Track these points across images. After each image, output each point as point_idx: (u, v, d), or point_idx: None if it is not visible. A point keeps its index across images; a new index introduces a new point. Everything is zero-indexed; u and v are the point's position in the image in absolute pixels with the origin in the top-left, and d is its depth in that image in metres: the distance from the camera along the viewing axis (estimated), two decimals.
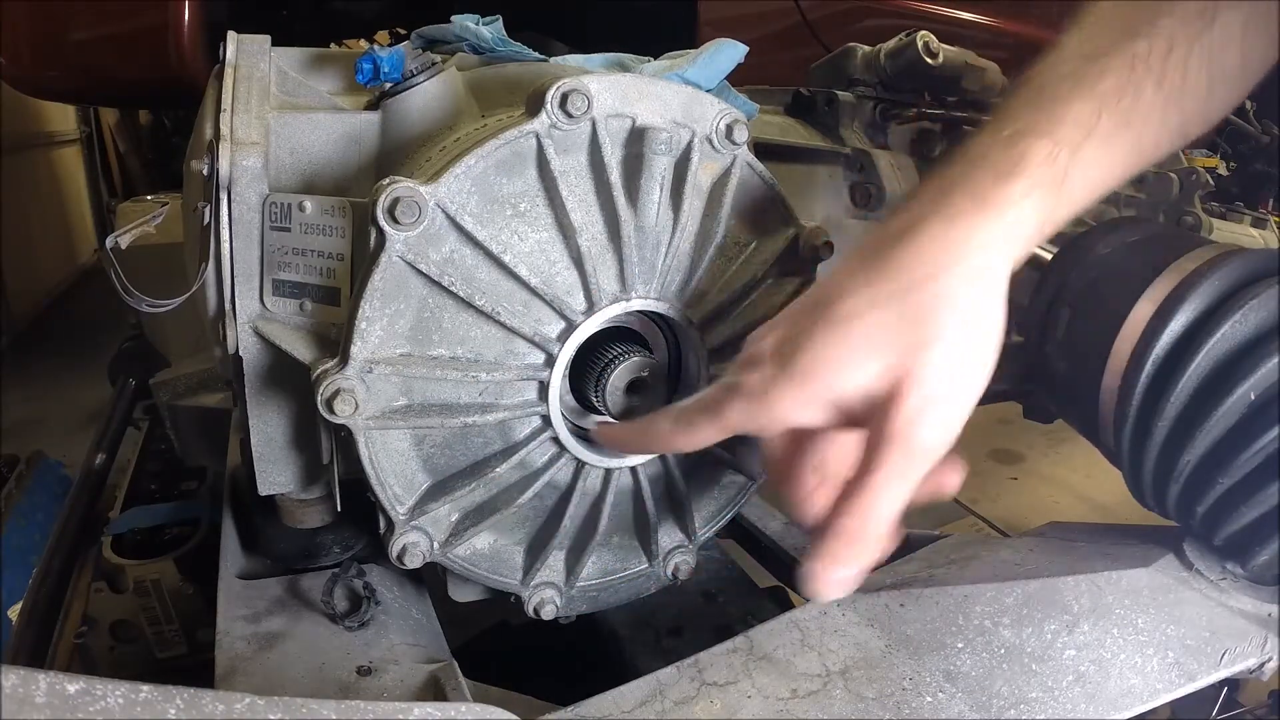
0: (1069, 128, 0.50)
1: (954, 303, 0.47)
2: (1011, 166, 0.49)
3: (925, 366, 0.46)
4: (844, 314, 0.48)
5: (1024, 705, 0.59)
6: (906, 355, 0.46)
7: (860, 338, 0.47)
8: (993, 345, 0.48)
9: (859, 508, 0.47)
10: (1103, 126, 0.51)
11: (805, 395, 0.48)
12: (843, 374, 0.47)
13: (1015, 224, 0.49)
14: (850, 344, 0.47)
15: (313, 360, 0.62)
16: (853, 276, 0.50)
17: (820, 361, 0.48)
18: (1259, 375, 0.65)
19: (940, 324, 0.46)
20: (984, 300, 0.48)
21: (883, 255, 0.49)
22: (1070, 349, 0.81)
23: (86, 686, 0.34)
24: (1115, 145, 0.52)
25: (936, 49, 0.97)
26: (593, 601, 0.76)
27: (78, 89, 1.56)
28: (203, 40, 1.25)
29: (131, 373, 1.58)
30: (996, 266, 0.48)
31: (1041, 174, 0.49)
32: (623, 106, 0.62)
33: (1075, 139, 0.50)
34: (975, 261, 0.48)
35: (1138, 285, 0.74)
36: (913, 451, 0.46)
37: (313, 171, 0.67)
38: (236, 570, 0.78)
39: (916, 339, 0.46)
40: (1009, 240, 0.49)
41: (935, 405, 0.46)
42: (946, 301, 0.47)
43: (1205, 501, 0.69)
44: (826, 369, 0.48)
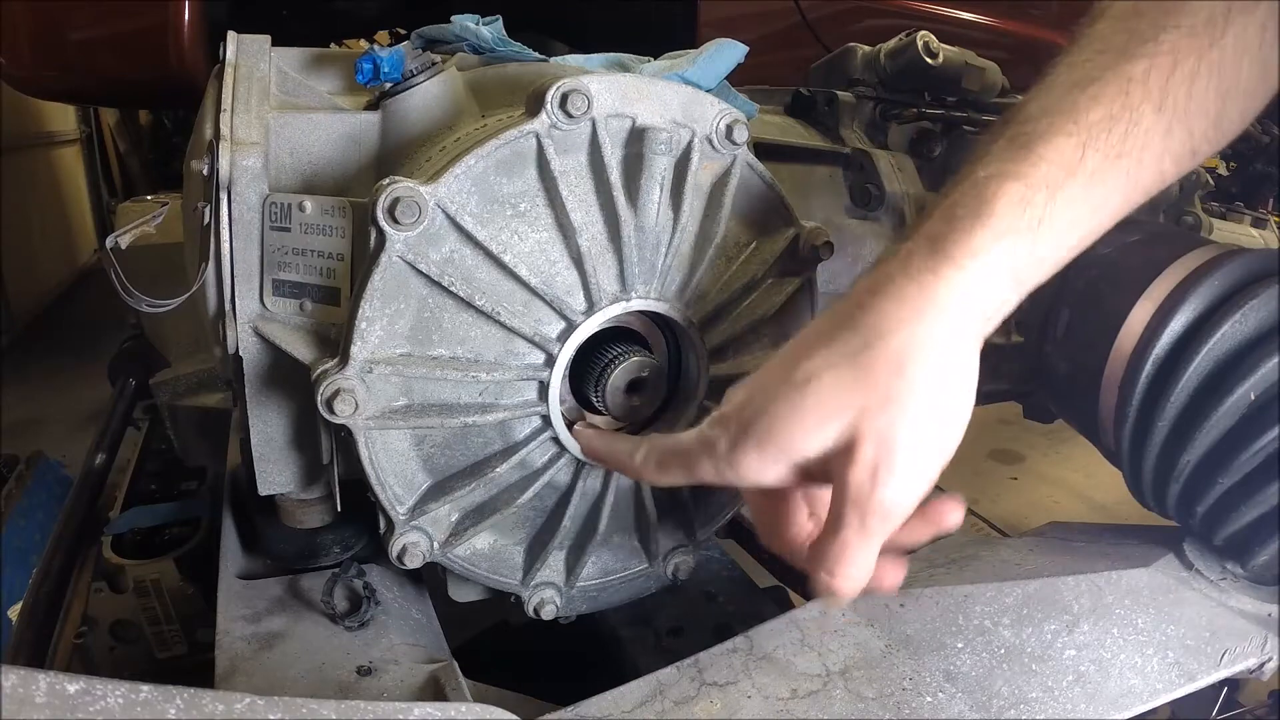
0: (1047, 168, 0.47)
1: (912, 361, 0.45)
2: (978, 213, 0.46)
3: (881, 428, 0.45)
4: (802, 376, 0.47)
5: (1024, 705, 0.59)
6: (861, 416, 0.45)
7: (815, 400, 0.46)
8: (960, 404, 0.47)
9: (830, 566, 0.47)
10: (1089, 163, 0.47)
11: (766, 458, 0.48)
12: (800, 437, 0.47)
13: (983, 277, 0.46)
14: (806, 407, 0.46)
15: (313, 360, 0.62)
16: (817, 337, 0.48)
17: (778, 425, 0.47)
18: (1259, 375, 0.65)
19: (896, 383, 0.45)
20: (947, 358, 0.46)
21: (847, 316, 0.48)
22: (1070, 349, 0.81)
23: (86, 686, 0.34)
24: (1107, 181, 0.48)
25: (936, 49, 0.97)
26: (593, 601, 0.76)
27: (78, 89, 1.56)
28: (203, 40, 1.25)
29: (131, 373, 1.58)
30: (961, 324, 0.46)
31: (1012, 220, 0.46)
32: (623, 106, 0.62)
33: (1055, 179, 0.47)
34: (938, 320, 0.46)
35: (1138, 285, 0.74)
36: (870, 512, 0.45)
37: (313, 171, 0.67)
38: (236, 570, 0.78)
39: (872, 399, 0.45)
40: (976, 295, 0.46)
41: (891, 466, 0.45)
42: (905, 360, 0.45)
43: (1205, 501, 0.69)
44: (784, 433, 0.47)
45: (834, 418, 0.46)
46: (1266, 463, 0.66)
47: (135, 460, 1.44)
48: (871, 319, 0.46)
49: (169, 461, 1.38)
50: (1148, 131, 0.48)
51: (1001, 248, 0.46)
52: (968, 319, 0.46)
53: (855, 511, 0.45)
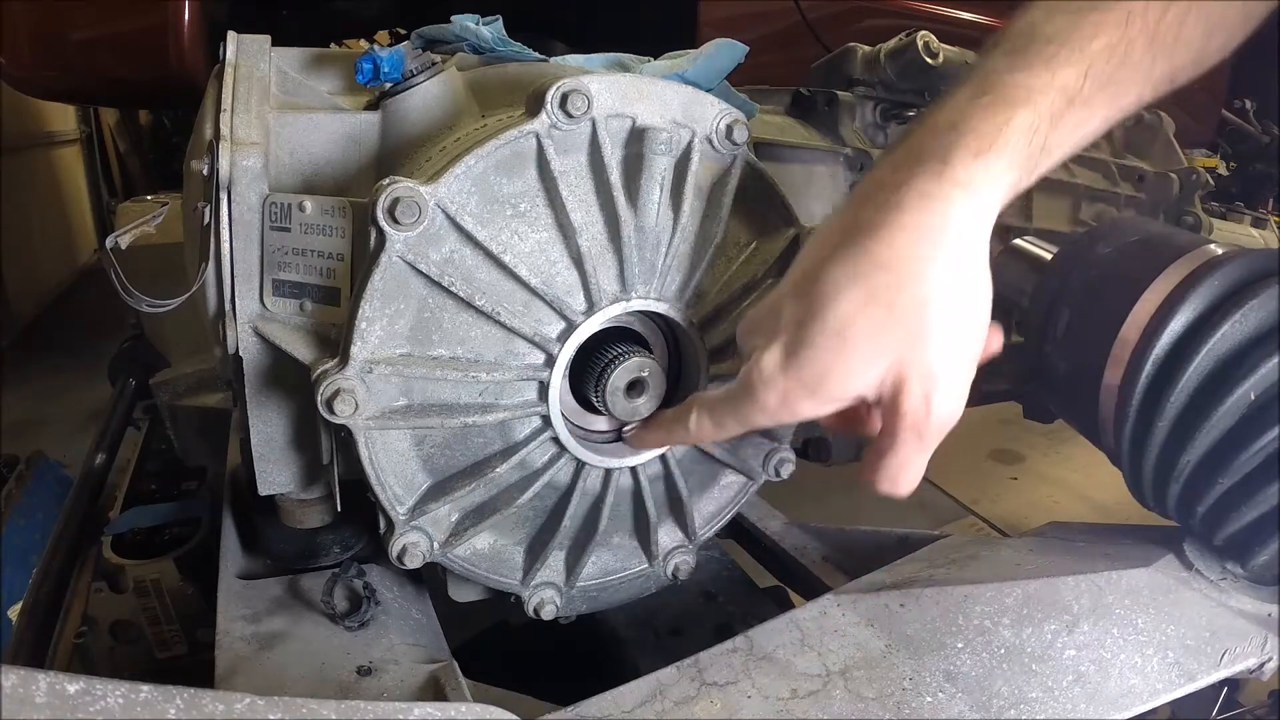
0: (1054, 95, 0.49)
1: (939, 294, 0.49)
2: (991, 141, 0.48)
3: (923, 362, 0.49)
4: (840, 320, 0.50)
5: (1024, 705, 0.59)
6: (904, 352, 0.49)
7: (857, 349, 0.50)
8: (981, 310, 0.51)
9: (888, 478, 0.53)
10: (1086, 90, 0.49)
11: (821, 402, 0.53)
12: (850, 383, 0.51)
13: (991, 198, 0.49)
14: (853, 353, 0.50)
15: (313, 360, 0.62)
16: (839, 268, 0.50)
17: (830, 374, 0.51)
18: (1259, 375, 0.65)
19: (930, 316, 0.49)
20: (968, 279, 0.50)
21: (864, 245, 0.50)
22: (1070, 349, 0.81)
23: (86, 686, 0.34)
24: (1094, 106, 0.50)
25: (936, 49, 0.97)
26: (593, 601, 0.76)
27: (78, 89, 1.56)
28: (203, 40, 1.25)
29: (131, 373, 1.58)
30: (976, 242, 0.50)
31: (1021, 149, 0.49)
32: (623, 106, 0.62)
33: (1058, 107, 0.49)
34: (956, 245, 0.49)
35: (1138, 285, 0.74)
36: (925, 431, 0.51)
37: (313, 171, 0.67)
38: (236, 570, 0.78)
39: (910, 336, 0.49)
40: (985, 214, 0.50)
41: (937, 388, 0.50)
42: (932, 295, 0.49)
43: (1205, 501, 0.69)
44: (834, 381, 0.51)
45: (877, 361, 0.50)
46: (1266, 463, 0.66)
47: (135, 460, 1.44)
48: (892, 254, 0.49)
49: (169, 461, 1.38)
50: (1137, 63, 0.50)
51: (1009, 173, 0.49)
52: (980, 237, 0.50)
53: (914, 433, 0.51)
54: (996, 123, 0.49)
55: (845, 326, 0.50)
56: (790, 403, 0.53)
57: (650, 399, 0.67)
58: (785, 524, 0.96)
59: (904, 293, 0.49)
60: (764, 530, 0.95)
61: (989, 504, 2.21)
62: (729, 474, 0.77)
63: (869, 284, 0.49)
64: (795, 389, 0.52)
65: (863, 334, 0.49)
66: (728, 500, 0.78)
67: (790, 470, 0.77)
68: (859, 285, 0.49)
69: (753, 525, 0.96)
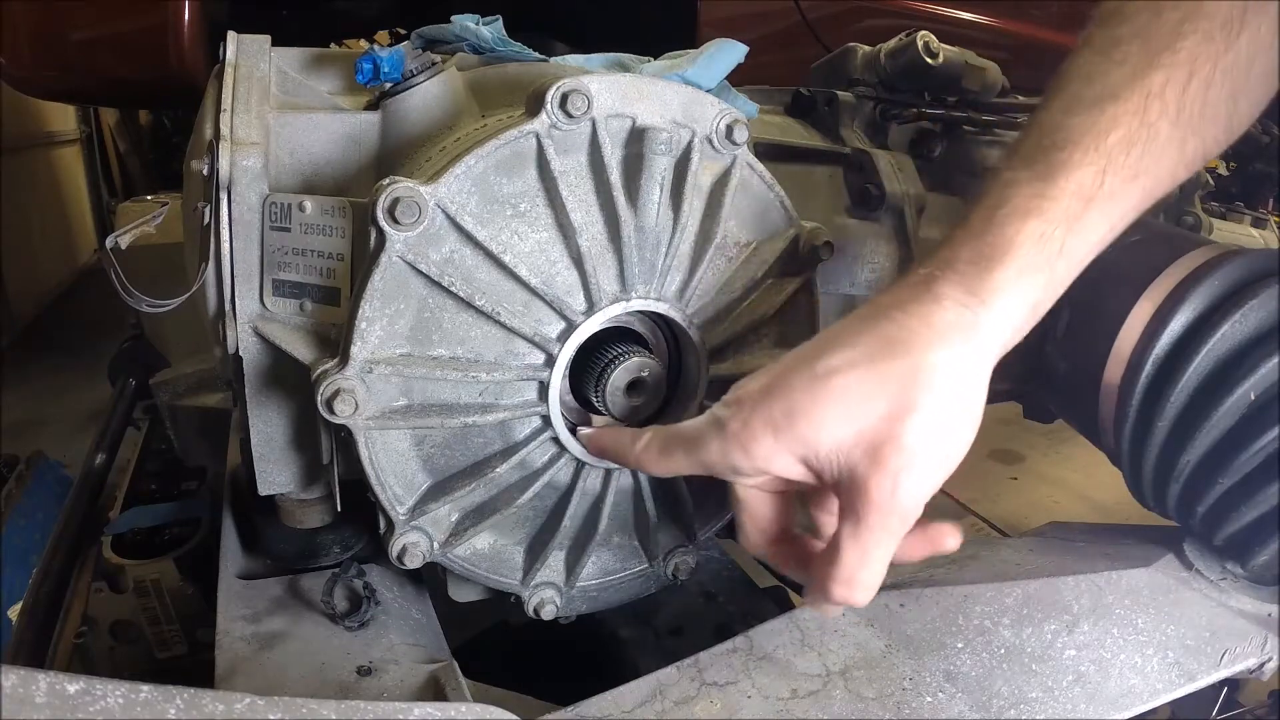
0: (1068, 201, 0.48)
1: (936, 377, 0.47)
2: (1001, 252, 0.48)
3: (905, 434, 0.47)
4: (825, 370, 0.49)
5: (1024, 705, 0.59)
6: (887, 421, 0.47)
7: (840, 394, 0.48)
8: (973, 419, 0.49)
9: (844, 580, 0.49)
10: (1108, 187, 0.48)
11: (780, 444, 0.49)
12: (819, 427, 0.48)
13: (1004, 311, 0.49)
14: (829, 399, 0.48)
15: (313, 360, 0.62)
16: (840, 338, 0.50)
17: (799, 412, 0.49)
18: (1259, 375, 0.65)
19: (920, 395, 0.47)
20: (967, 378, 0.48)
21: (872, 325, 0.50)
22: (1070, 349, 0.81)
23: (86, 686, 0.34)
24: (1122, 199, 0.49)
25: (936, 49, 0.97)
26: (593, 601, 0.76)
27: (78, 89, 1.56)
28: (203, 40, 1.25)
29: (131, 373, 1.58)
30: (982, 351, 0.49)
31: (1032, 257, 0.48)
32: (623, 106, 0.62)
33: (1074, 211, 0.48)
34: (962, 346, 0.48)
35: (1138, 285, 0.74)
36: (892, 513, 0.48)
37: (313, 171, 0.67)
38: (236, 570, 0.78)
39: (896, 406, 0.47)
40: (996, 327, 0.49)
41: (913, 471, 0.47)
42: (929, 374, 0.47)
43: (1205, 501, 0.69)
44: (804, 421, 0.49)
45: (855, 415, 0.48)
46: (1266, 463, 0.66)
47: (135, 460, 1.44)
48: (897, 333, 0.48)
49: (169, 461, 1.38)
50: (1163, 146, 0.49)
51: (1022, 283, 0.48)
52: (988, 346, 0.49)
53: (877, 513, 0.48)
54: (1004, 237, 0.48)
55: (831, 376, 0.48)
56: (749, 433, 0.50)
57: (650, 399, 0.67)
58: None
59: (899, 367, 0.48)
60: None
61: (989, 504, 2.21)
62: None
63: (868, 350, 0.49)
64: (759, 421, 0.49)
65: (847, 390, 0.48)
66: (728, 500, 0.78)
67: None
68: (858, 348, 0.49)
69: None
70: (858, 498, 0.48)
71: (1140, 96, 0.48)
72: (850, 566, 0.49)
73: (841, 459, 0.48)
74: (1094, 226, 0.49)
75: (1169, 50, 0.48)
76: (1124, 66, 0.49)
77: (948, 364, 0.48)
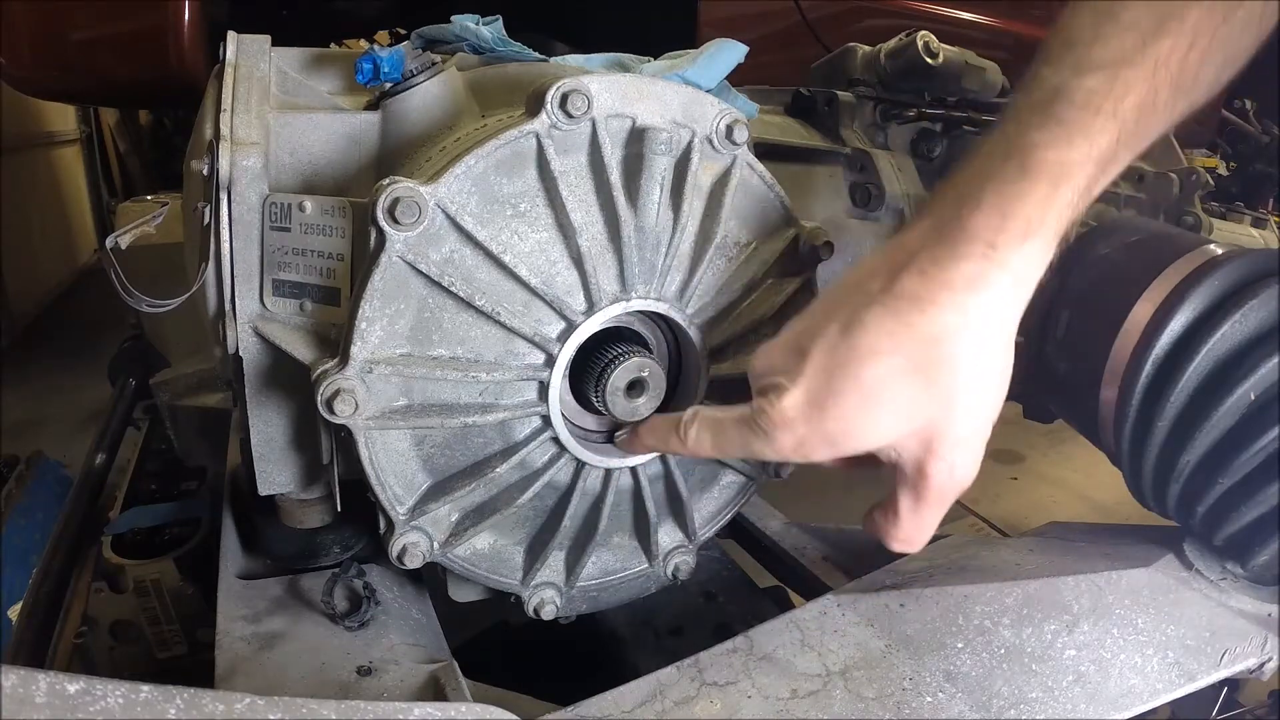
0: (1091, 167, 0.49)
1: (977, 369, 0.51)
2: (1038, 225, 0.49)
3: (953, 426, 0.52)
4: (874, 380, 0.51)
5: (1024, 705, 0.59)
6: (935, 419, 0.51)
7: (890, 407, 0.51)
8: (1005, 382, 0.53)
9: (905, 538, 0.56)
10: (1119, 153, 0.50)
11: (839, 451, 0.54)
12: (874, 433, 0.53)
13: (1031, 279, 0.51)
14: (883, 410, 0.52)
15: (313, 360, 0.62)
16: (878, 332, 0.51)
17: (853, 430, 0.52)
18: (1259, 375, 0.65)
19: (965, 389, 0.51)
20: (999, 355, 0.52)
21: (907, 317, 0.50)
22: (1070, 349, 0.81)
23: (86, 686, 0.34)
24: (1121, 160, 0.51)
25: (936, 49, 0.97)
26: (593, 601, 0.76)
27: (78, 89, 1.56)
28: (203, 40, 1.25)
29: (131, 373, 1.58)
30: (1012, 320, 0.52)
31: (1061, 226, 0.50)
32: (623, 106, 0.62)
33: (1093, 175, 0.49)
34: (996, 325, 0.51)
35: (1138, 285, 0.74)
36: (949, 490, 0.54)
37: (313, 171, 0.67)
38: (236, 570, 0.78)
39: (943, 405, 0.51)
40: (1025, 295, 0.51)
41: (961, 454, 0.53)
42: (970, 370, 0.51)
43: (1205, 501, 0.69)
44: (859, 437, 0.53)
45: (909, 420, 0.52)
46: (1266, 463, 0.66)
47: (135, 460, 1.44)
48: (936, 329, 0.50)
49: (169, 461, 1.38)
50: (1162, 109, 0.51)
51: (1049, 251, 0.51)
52: (1016, 315, 0.52)
53: (938, 495, 0.54)
54: (1040, 203, 0.49)
55: (878, 388, 0.51)
56: (805, 449, 0.54)
57: (650, 399, 0.67)
58: (785, 524, 0.96)
59: (945, 366, 0.50)
60: (764, 530, 0.95)
61: (989, 504, 2.21)
62: (729, 474, 0.77)
63: (909, 354, 0.50)
64: (814, 438, 0.53)
65: (896, 398, 0.51)
66: (728, 500, 0.78)
67: (790, 470, 0.77)
68: (899, 354, 0.50)
69: (753, 525, 0.96)
70: (917, 479, 0.54)
71: (1150, 63, 0.49)
72: (908, 530, 0.56)
73: (897, 450, 0.53)
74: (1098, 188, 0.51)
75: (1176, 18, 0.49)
76: (1133, 31, 0.49)
77: (985, 349, 0.51)
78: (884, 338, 0.51)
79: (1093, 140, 0.49)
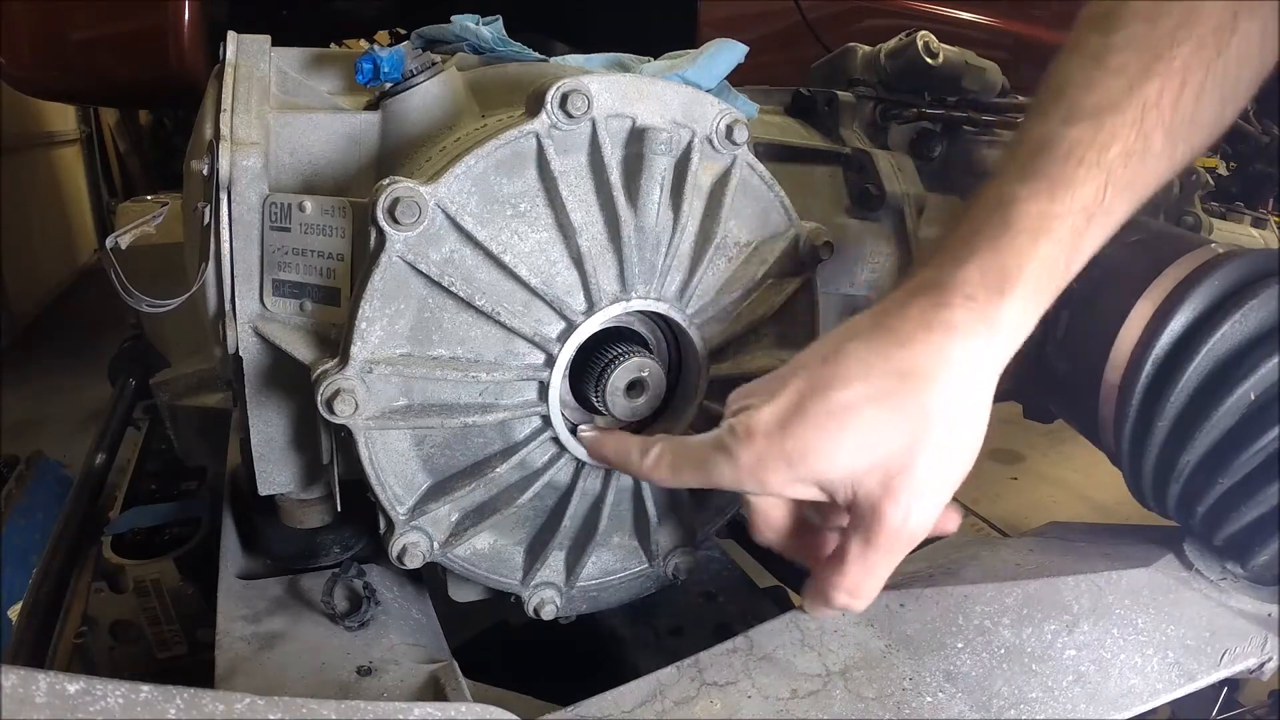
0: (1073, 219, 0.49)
1: (948, 411, 0.49)
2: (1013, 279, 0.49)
3: (917, 469, 0.49)
4: (842, 404, 0.50)
5: (1024, 705, 0.59)
6: (898, 457, 0.49)
7: (855, 433, 0.49)
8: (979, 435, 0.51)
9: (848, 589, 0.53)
10: (1107, 200, 0.49)
11: (795, 476, 0.51)
12: (835, 464, 0.50)
13: (1013, 335, 0.50)
14: (845, 438, 0.50)
15: (313, 360, 0.62)
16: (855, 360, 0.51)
17: (813, 449, 0.50)
18: (1259, 375, 0.65)
19: (933, 429, 0.49)
20: (972, 407, 0.50)
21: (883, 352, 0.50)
22: (1070, 349, 0.81)
23: (86, 686, 0.34)
24: (1117, 211, 0.50)
25: (936, 49, 0.97)
26: (593, 601, 0.76)
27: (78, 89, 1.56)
28: (203, 40, 1.25)
29: (131, 373, 1.58)
30: (990, 375, 0.51)
31: (1041, 280, 0.49)
32: (623, 106, 0.62)
33: (1079, 227, 0.49)
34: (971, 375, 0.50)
35: (1138, 285, 0.74)
36: (901, 537, 0.51)
37: (313, 171, 0.67)
38: (236, 570, 0.78)
39: (910, 440, 0.49)
40: (1005, 350, 0.50)
41: (923, 498, 0.50)
42: (941, 410, 0.49)
43: (1205, 501, 0.69)
44: (819, 457, 0.50)
45: (870, 447, 0.50)
46: (1266, 463, 0.66)
47: (135, 460, 1.44)
48: (910, 366, 0.49)
49: (169, 461, 1.38)
50: (1157, 156, 0.49)
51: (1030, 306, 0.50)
52: (996, 368, 0.51)
53: (889, 540, 0.50)
54: (1019, 254, 0.49)
55: (846, 412, 0.49)
56: (763, 467, 0.51)
57: (650, 399, 0.67)
58: None
59: (914, 401, 0.49)
60: None
61: (989, 504, 2.21)
62: None
63: (882, 384, 0.49)
64: (774, 455, 0.51)
65: (862, 425, 0.49)
66: (728, 500, 0.78)
67: None
68: (872, 381, 0.49)
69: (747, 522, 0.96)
70: (870, 520, 0.50)
71: (1137, 108, 0.48)
72: (854, 579, 0.52)
73: (854, 485, 0.50)
74: (1092, 240, 0.50)
75: (1164, 59, 0.48)
76: (1120, 77, 0.49)
77: (959, 397, 0.49)
78: (859, 365, 0.50)
79: (1074, 191, 0.48)
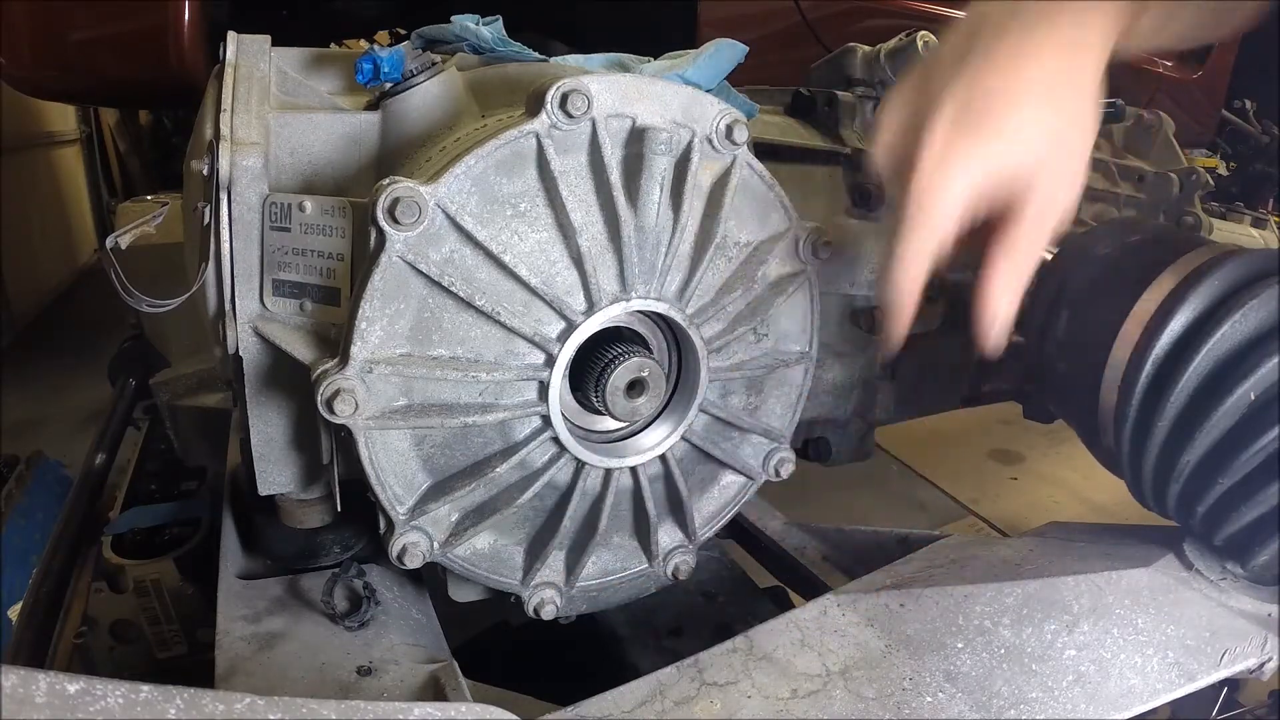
0: None
1: (1085, 108, 0.60)
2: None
3: (1066, 161, 0.59)
4: (1020, 82, 0.58)
5: (1024, 705, 0.59)
6: (1052, 151, 0.59)
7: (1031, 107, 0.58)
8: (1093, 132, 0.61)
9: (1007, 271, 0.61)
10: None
11: (977, 149, 0.58)
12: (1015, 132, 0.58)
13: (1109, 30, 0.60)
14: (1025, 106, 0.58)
15: (313, 360, 0.62)
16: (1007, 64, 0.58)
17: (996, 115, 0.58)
18: (1259, 375, 0.65)
19: (1076, 127, 0.60)
20: (1095, 94, 0.60)
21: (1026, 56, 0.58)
22: (1070, 349, 0.81)
23: (86, 686, 0.34)
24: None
25: None
26: (593, 601, 0.76)
27: (78, 89, 1.56)
28: (203, 40, 1.25)
29: (131, 373, 1.58)
30: (1101, 59, 0.60)
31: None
32: (623, 106, 0.62)
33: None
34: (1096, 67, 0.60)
35: (1138, 285, 0.74)
36: (1049, 218, 0.60)
37: (313, 171, 0.67)
38: (236, 570, 0.78)
39: (1060, 136, 0.59)
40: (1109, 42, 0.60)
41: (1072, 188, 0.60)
42: (1082, 108, 0.60)
43: (1205, 501, 0.69)
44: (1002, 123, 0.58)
45: (1038, 126, 0.58)
46: (1266, 463, 0.66)
47: (135, 460, 1.44)
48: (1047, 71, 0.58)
49: (169, 461, 1.38)
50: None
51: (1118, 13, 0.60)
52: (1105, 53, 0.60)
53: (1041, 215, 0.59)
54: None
55: (1022, 90, 0.57)
56: (951, 149, 0.58)
57: (650, 399, 0.67)
58: (785, 524, 0.96)
59: (1067, 101, 0.58)
60: (764, 530, 0.96)
61: (989, 504, 2.21)
62: (729, 474, 0.77)
63: (1039, 86, 0.58)
64: (959, 134, 0.57)
65: (1034, 100, 0.58)
66: (728, 500, 0.78)
67: (790, 470, 0.78)
68: (1027, 81, 0.58)
69: (752, 525, 0.96)
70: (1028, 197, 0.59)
71: None
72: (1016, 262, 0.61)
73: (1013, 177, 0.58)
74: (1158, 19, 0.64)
75: None
76: None
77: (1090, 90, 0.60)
78: (1011, 61, 0.58)
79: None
